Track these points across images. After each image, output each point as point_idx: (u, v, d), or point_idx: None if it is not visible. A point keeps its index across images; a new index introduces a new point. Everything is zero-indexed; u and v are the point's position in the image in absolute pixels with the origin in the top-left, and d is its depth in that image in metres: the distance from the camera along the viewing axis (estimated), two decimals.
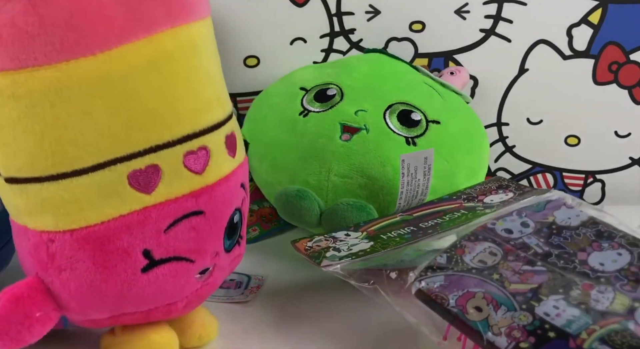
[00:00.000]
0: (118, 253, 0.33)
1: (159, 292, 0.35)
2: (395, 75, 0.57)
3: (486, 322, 0.34)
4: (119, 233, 0.32)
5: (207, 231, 0.35)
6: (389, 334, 0.42)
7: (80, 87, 0.30)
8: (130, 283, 0.34)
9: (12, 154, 0.31)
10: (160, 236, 0.33)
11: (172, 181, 0.33)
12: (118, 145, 0.31)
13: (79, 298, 0.34)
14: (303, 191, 0.49)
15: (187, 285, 0.36)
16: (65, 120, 0.30)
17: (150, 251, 0.33)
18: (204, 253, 0.36)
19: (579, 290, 0.34)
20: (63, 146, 0.31)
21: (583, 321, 0.32)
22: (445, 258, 0.38)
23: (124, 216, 0.32)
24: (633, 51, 0.62)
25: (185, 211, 0.34)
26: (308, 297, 0.47)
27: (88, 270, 0.33)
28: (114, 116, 0.31)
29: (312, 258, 0.42)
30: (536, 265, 0.36)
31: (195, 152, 0.34)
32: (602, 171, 0.67)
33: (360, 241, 0.43)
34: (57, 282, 0.33)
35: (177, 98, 0.33)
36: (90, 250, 0.32)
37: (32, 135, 0.30)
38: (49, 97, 0.30)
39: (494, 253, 0.38)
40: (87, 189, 0.31)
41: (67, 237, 0.32)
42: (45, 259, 0.33)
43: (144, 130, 0.32)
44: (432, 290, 0.36)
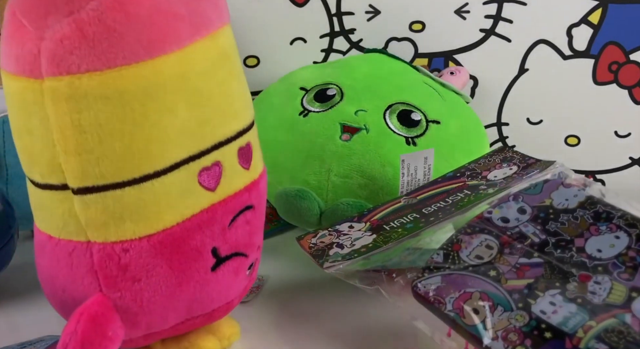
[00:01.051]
0: (192, 253, 0.33)
1: (224, 289, 0.35)
2: (395, 75, 0.57)
3: (483, 325, 0.34)
4: (193, 233, 0.33)
5: (257, 224, 0.36)
6: (390, 334, 0.42)
7: (166, 85, 0.30)
8: (202, 283, 0.34)
9: (94, 161, 0.30)
10: (225, 232, 0.34)
11: (232, 177, 0.34)
12: (193, 143, 0.32)
13: (150, 308, 0.33)
14: (303, 191, 0.49)
15: (243, 280, 0.37)
16: (154, 118, 0.30)
17: (218, 248, 0.34)
18: (253, 247, 0.36)
19: (575, 282, 0.34)
20: (150, 145, 0.30)
21: (580, 317, 0.32)
22: (442, 255, 0.38)
23: (196, 215, 0.33)
24: (633, 51, 0.62)
25: (242, 205, 0.35)
26: (308, 297, 0.47)
27: (164, 276, 0.32)
28: (192, 112, 0.31)
29: (316, 258, 0.42)
30: (533, 256, 0.36)
31: (244, 148, 0.35)
32: (602, 171, 0.67)
33: (363, 234, 0.43)
34: (127, 295, 0.32)
35: (234, 94, 0.34)
36: (167, 254, 0.32)
37: (121, 137, 0.30)
38: (138, 95, 0.29)
39: (491, 247, 0.38)
40: (166, 189, 0.31)
41: (144, 244, 0.31)
42: (114, 272, 0.32)
43: (212, 126, 0.32)
44: (429, 293, 0.36)
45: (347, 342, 0.41)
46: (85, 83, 0.28)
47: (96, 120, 0.29)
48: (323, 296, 0.47)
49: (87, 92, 0.28)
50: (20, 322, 0.43)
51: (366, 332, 0.42)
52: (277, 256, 0.53)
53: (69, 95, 0.29)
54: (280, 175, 0.52)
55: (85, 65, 0.28)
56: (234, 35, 0.35)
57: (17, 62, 0.29)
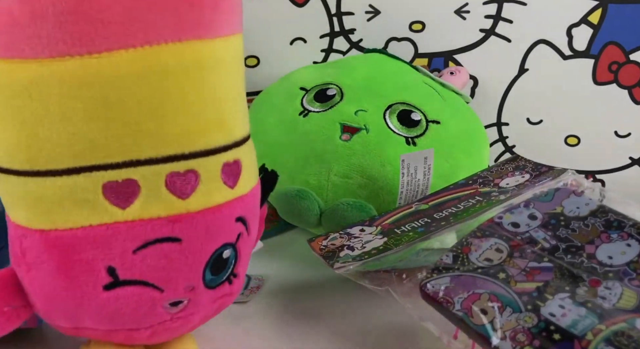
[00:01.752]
0: (81, 264, 0.31)
1: (118, 314, 0.33)
2: (395, 75, 0.57)
3: (491, 326, 0.33)
4: (85, 244, 0.31)
5: (182, 261, 0.33)
6: (390, 334, 0.42)
7: (61, 87, 0.29)
8: (90, 297, 0.32)
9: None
10: (127, 256, 0.32)
11: (150, 201, 0.31)
12: (95, 152, 0.30)
13: (42, 299, 0.33)
14: (303, 191, 0.49)
15: (153, 314, 0.34)
16: (43, 117, 0.30)
17: (115, 269, 0.32)
18: (175, 285, 0.33)
19: (585, 286, 0.34)
20: (39, 142, 0.30)
21: (589, 320, 0.32)
22: (452, 257, 0.38)
23: (93, 227, 0.31)
24: (633, 51, 0.62)
25: (159, 235, 0.32)
26: (308, 297, 0.47)
27: (51, 274, 0.32)
28: (92, 122, 0.30)
29: (327, 259, 0.42)
30: (543, 260, 0.36)
31: (182, 175, 0.31)
32: (602, 171, 0.67)
33: (374, 237, 0.43)
34: (26, 278, 0.33)
35: (166, 116, 0.31)
36: (55, 255, 0.31)
37: (11, 127, 0.30)
38: (29, 90, 0.29)
39: (500, 250, 0.38)
40: (59, 191, 0.30)
41: (37, 236, 0.31)
42: (19, 253, 0.32)
43: (124, 142, 0.30)
44: (437, 293, 0.36)
45: (348, 342, 0.41)
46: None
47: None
48: (323, 296, 0.47)
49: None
50: None
51: (367, 332, 0.42)
52: (277, 256, 0.53)
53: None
54: (280, 175, 0.52)
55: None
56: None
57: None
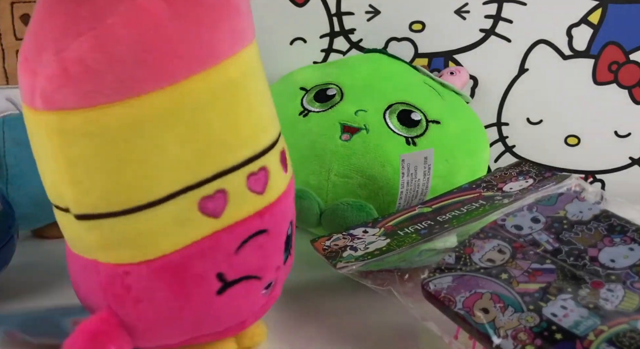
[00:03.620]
0: (193, 279, 0.33)
1: (233, 312, 0.35)
2: (395, 75, 0.57)
3: (493, 324, 0.33)
4: (194, 260, 0.32)
5: (271, 247, 0.35)
6: (391, 334, 0.42)
7: (152, 121, 0.30)
8: (207, 306, 0.34)
9: (85, 192, 0.30)
10: (231, 258, 0.33)
11: (239, 204, 0.33)
12: (189, 174, 0.31)
13: (156, 326, 0.34)
14: (303, 191, 0.49)
15: (257, 301, 0.36)
16: (140, 155, 0.30)
17: (223, 273, 0.33)
18: (269, 269, 0.36)
19: (588, 288, 0.34)
20: (138, 181, 0.30)
21: (591, 321, 0.32)
22: (454, 257, 0.38)
23: (197, 242, 0.32)
24: (633, 51, 0.62)
25: (252, 231, 0.34)
26: (309, 297, 0.47)
27: (166, 299, 0.33)
28: (184, 147, 0.31)
29: (330, 259, 0.43)
30: (545, 262, 0.36)
31: (257, 173, 0.34)
32: (602, 171, 0.67)
33: (377, 239, 0.43)
34: (133, 313, 0.33)
35: (240, 123, 0.33)
36: (166, 279, 0.32)
37: (107, 172, 0.30)
38: (121, 133, 0.29)
39: (503, 251, 0.38)
40: (161, 219, 0.31)
41: (143, 268, 0.32)
42: (120, 291, 0.32)
43: (212, 158, 0.32)
44: (439, 292, 0.36)
45: (348, 342, 0.41)
46: (72, 119, 0.29)
47: (82, 154, 0.30)
48: (324, 295, 0.47)
49: (73, 127, 0.29)
50: None
51: (368, 332, 0.42)
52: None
53: (59, 129, 0.29)
54: None
55: (71, 102, 0.29)
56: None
57: (24, 94, 0.31)
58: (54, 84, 0.29)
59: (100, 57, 0.28)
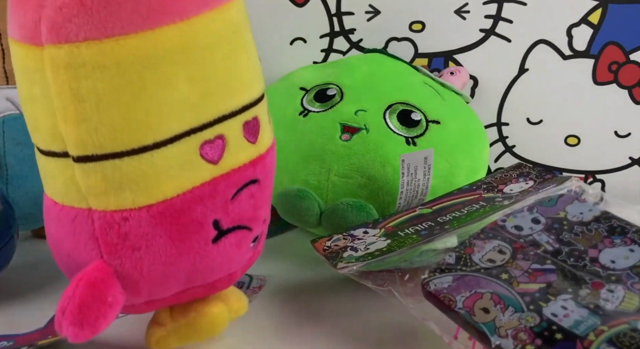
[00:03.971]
0: (193, 225, 0.33)
1: (225, 261, 0.35)
2: (395, 75, 0.57)
3: (493, 324, 0.33)
4: (194, 205, 0.32)
5: (261, 198, 0.36)
6: (391, 334, 0.42)
7: (165, 56, 0.30)
8: (202, 254, 0.34)
9: (92, 130, 0.30)
10: (227, 205, 0.34)
11: (235, 151, 0.34)
12: (194, 116, 0.31)
13: (150, 276, 0.33)
14: (303, 191, 0.49)
15: (246, 253, 0.37)
16: (152, 90, 0.30)
17: (219, 221, 0.34)
18: (258, 220, 0.37)
19: (588, 289, 0.34)
20: (148, 117, 0.30)
21: (591, 321, 0.32)
22: (454, 257, 0.38)
23: (197, 187, 0.32)
24: (633, 51, 0.62)
25: (246, 179, 0.35)
26: (308, 297, 0.47)
27: (164, 246, 0.32)
28: (192, 86, 0.31)
29: (330, 259, 0.43)
30: (545, 263, 0.36)
31: (251, 122, 0.34)
32: (602, 171, 0.67)
33: (378, 239, 0.43)
34: (127, 263, 0.32)
35: (240, 67, 0.33)
36: (166, 224, 0.32)
37: (118, 107, 0.29)
38: (136, 66, 0.29)
39: (503, 252, 0.38)
40: (167, 161, 0.31)
41: (143, 213, 0.31)
42: (115, 239, 0.32)
43: (216, 100, 0.32)
44: (439, 291, 0.36)
45: (348, 342, 0.41)
46: (84, 52, 0.28)
47: (94, 89, 0.29)
48: (323, 296, 0.47)
49: (85, 60, 0.28)
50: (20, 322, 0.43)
51: (368, 332, 0.42)
52: (277, 256, 0.53)
53: (67, 63, 0.29)
54: (280, 175, 0.51)
55: (84, 33, 0.28)
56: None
57: (21, 29, 0.30)
58: (65, 14, 0.28)
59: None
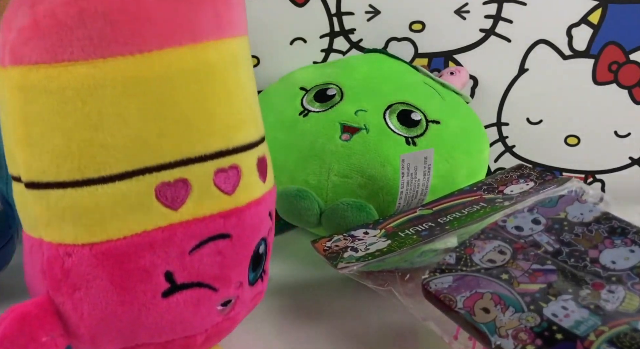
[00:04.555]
0: (139, 272, 0.30)
1: (178, 321, 0.32)
2: (395, 75, 0.57)
3: (493, 324, 0.33)
4: (142, 251, 0.30)
5: (233, 257, 0.33)
6: (390, 334, 0.42)
7: (115, 87, 0.28)
8: (148, 307, 0.31)
9: (37, 155, 0.29)
10: (184, 257, 0.31)
11: (201, 199, 0.31)
12: (149, 154, 0.29)
13: (90, 322, 0.31)
14: (303, 191, 0.49)
15: (208, 316, 0.33)
16: (97, 120, 0.28)
17: (173, 273, 0.31)
18: (228, 282, 0.33)
19: (588, 289, 0.34)
20: (92, 148, 0.29)
21: (592, 322, 0.32)
22: (455, 257, 0.38)
23: (148, 232, 0.30)
24: (633, 51, 0.62)
25: (213, 232, 0.31)
26: (309, 297, 0.47)
27: (104, 290, 0.30)
28: (147, 121, 0.29)
29: (330, 260, 0.43)
30: (546, 263, 0.36)
31: (226, 170, 0.32)
32: (602, 171, 0.67)
33: (378, 240, 0.43)
34: (69, 303, 0.30)
35: (213, 111, 0.31)
36: (109, 267, 0.30)
37: (61, 134, 0.28)
38: (81, 94, 0.28)
39: (504, 252, 0.38)
40: (112, 199, 0.29)
41: (85, 251, 0.30)
42: (59, 275, 0.30)
43: (176, 140, 0.30)
44: (440, 291, 0.36)
45: (348, 342, 0.41)
46: (33, 75, 0.28)
47: (40, 113, 0.29)
48: (324, 296, 0.47)
49: (34, 83, 0.28)
50: None
51: (367, 332, 0.42)
52: (277, 257, 0.53)
53: (21, 85, 0.28)
54: (280, 175, 0.52)
55: (36, 56, 0.28)
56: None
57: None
58: (22, 37, 0.28)
59: (71, 11, 0.27)
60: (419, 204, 0.51)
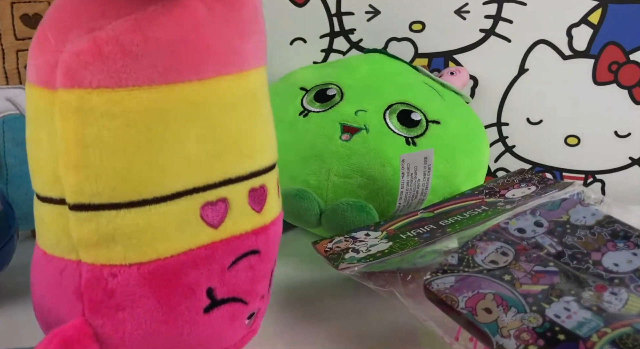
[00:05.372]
0: (184, 290, 0.31)
1: (216, 336, 0.34)
2: (395, 75, 0.57)
3: (495, 324, 0.33)
4: (187, 269, 0.31)
5: (260, 271, 0.35)
6: (391, 335, 0.42)
7: (177, 112, 0.30)
8: (191, 324, 0.32)
9: (93, 177, 0.29)
10: (224, 274, 0.32)
11: (238, 217, 0.33)
12: (199, 175, 0.31)
13: (131, 342, 0.31)
14: (303, 191, 0.49)
15: (240, 329, 0.35)
16: (158, 144, 0.29)
17: (214, 289, 0.32)
18: (256, 295, 0.35)
19: (591, 291, 0.34)
20: (151, 170, 0.30)
21: (594, 323, 0.32)
22: (457, 258, 0.38)
23: (193, 250, 0.31)
24: (633, 51, 0.62)
25: (247, 249, 0.33)
26: (309, 297, 0.47)
27: (150, 309, 0.31)
28: (200, 145, 0.31)
29: (332, 261, 0.43)
30: (548, 265, 0.36)
31: (257, 190, 0.34)
32: (602, 171, 0.67)
33: (380, 242, 0.43)
34: (109, 324, 0.31)
35: (254, 134, 0.33)
36: (156, 286, 0.31)
37: (122, 157, 0.29)
38: (145, 118, 0.29)
39: (506, 253, 0.38)
40: (163, 218, 0.30)
41: (133, 271, 0.30)
42: (100, 297, 0.30)
43: (223, 162, 0.32)
44: (442, 291, 0.36)
45: (348, 342, 0.41)
46: (94, 99, 0.28)
47: (99, 136, 0.29)
48: (324, 296, 0.47)
49: (94, 106, 0.28)
50: (20, 322, 0.43)
51: (367, 333, 0.42)
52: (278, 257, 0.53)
53: (76, 108, 0.29)
54: (280, 175, 0.52)
55: (97, 81, 0.28)
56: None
57: (37, 72, 0.30)
58: (81, 61, 0.28)
59: (137, 39, 0.28)
60: (419, 204, 0.51)
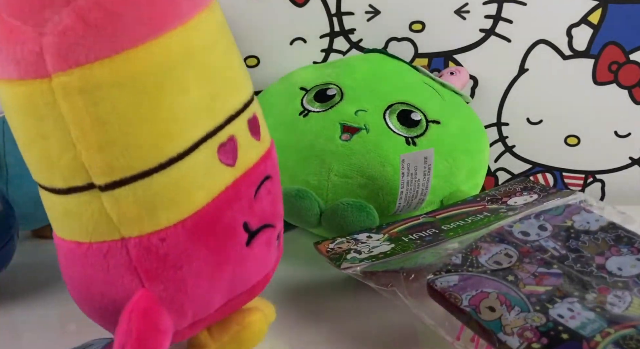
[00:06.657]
0: (226, 231, 0.32)
1: (260, 264, 0.35)
2: (395, 75, 0.57)
3: (499, 322, 0.33)
4: (224, 210, 0.32)
5: (276, 193, 0.36)
6: (392, 335, 0.42)
7: (174, 63, 0.29)
8: (240, 259, 0.33)
9: (119, 152, 0.28)
10: (251, 205, 0.34)
11: (247, 150, 0.33)
12: (208, 119, 0.31)
13: (195, 294, 0.32)
14: (303, 191, 0.49)
15: (274, 252, 0.37)
16: (169, 98, 0.29)
17: (248, 223, 0.33)
18: (278, 216, 0.36)
19: (594, 293, 0.34)
20: (170, 127, 0.29)
21: (598, 324, 0.32)
22: (461, 258, 0.38)
23: (223, 192, 0.32)
24: (633, 51, 0.62)
25: (261, 176, 0.34)
26: (309, 297, 0.47)
27: (205, 259, 0.32)
28: (202, 88, 0.30)
29: (333, 261, 0.43)
30: (552, 267, 0.36)
31: (252, 119, 0.34)
32: (602, 171, 0.67)
33: (382, 244, 0.43)
34: (171, 286, 0.31)
35: (235, 65, 0.33)
36: (203, 236, 0.31)
37: (141, 124, 0.28)
38: (150, 77, 0.28)
39: (510, 255, 0.38)
40: (192, 171, 0.30)
41: (179, 229, 0.30)
42: (155, 265, 0.30)
43: (223, 100, 0.32)
44: (445, 290, 0.36)
45: (348, 342, 0.41)
46: (97, 73, 0.27)
47: (114, 109, 0.28)
48: (324, 296, 0.47)
49: (100, 81, 0.27)
50: (20, 322, 0.43)
51: (368, 333, 0.42)
52: None
53: (81, 88, 0.27)
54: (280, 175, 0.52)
55: (94, 53, 0.27)
56: (234, 36, 0.35)
57: (18, 66, 0.28)
58: (71, 38, 0.27)
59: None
60: (419, 204, 0.51)
